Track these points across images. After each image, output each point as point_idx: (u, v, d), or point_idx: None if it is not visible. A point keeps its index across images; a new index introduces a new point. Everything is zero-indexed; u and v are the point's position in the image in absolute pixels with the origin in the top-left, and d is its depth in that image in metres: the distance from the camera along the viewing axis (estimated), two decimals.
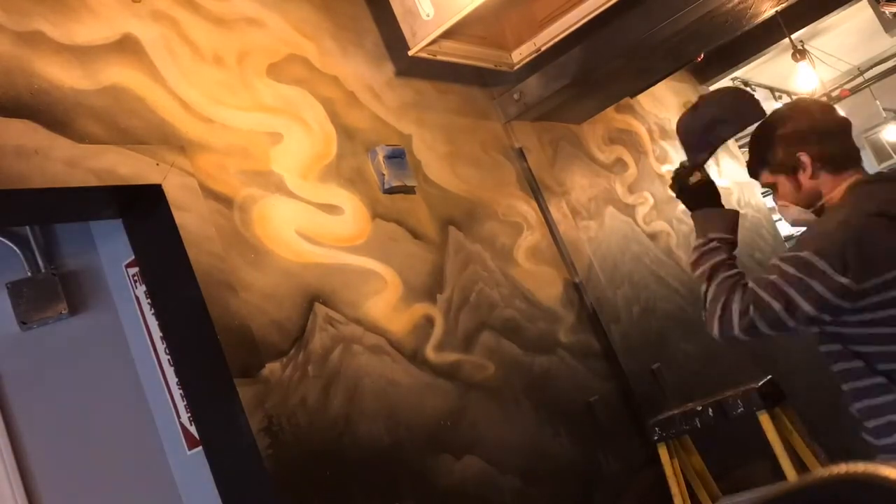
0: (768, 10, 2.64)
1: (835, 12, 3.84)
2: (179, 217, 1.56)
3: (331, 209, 1.93)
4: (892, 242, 1.48)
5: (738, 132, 1.94)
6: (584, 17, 2.33)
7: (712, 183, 1.88)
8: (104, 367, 2.14)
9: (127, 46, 1.65)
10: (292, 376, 1.63)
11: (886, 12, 4.16)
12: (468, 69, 2.53)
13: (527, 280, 2.45)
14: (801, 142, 1.63)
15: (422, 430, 1.85)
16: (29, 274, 2.06)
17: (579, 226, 2.78)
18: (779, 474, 2.28)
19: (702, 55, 3.27)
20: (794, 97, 6.13)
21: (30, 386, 2.01)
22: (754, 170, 1.80)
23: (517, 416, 2.14)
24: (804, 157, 1.62)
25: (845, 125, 1.66)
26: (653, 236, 3.19)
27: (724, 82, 5.05)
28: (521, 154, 2.71)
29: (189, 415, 2.03)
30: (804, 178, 1.64)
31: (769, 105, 6.14)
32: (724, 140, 1.91)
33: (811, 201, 1.66)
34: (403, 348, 1.92)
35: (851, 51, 5.63)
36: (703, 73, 4.34)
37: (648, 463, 2.40)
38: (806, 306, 1.46)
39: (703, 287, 1.63)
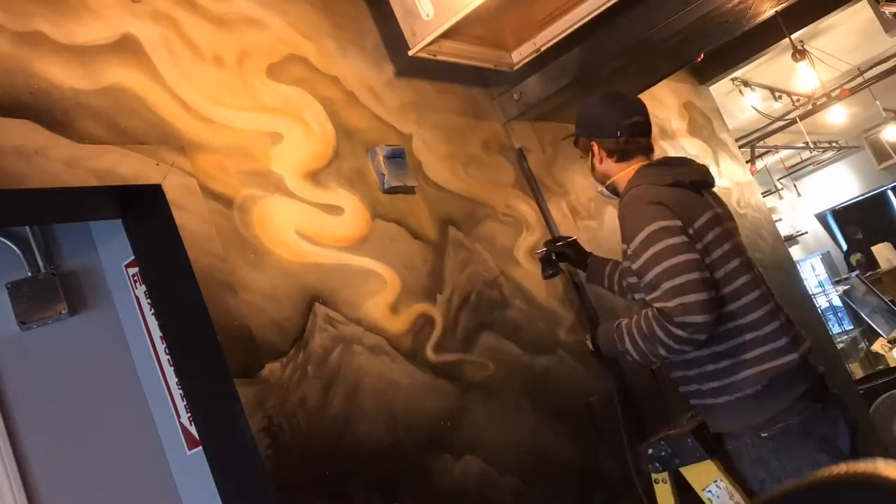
0: (768, 10, 2.64)
1: (835, 12, 3.83)
2: (179, 217, 1.56)
3: (331, 209, 1.93)
4: (691, 200, 1.81)
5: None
6: (584, 17, 2.33)
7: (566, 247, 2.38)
8: (104, 367, 2.14)
9: (127, 46, 1.65)
10: (292, 376, 1.63)
11: (886, 12, 4.16)
12: (468, 69, 2.53)
13: (527, 280, 2.45)
14: (597, 133, 1.99)
15: (422, 431, 1.85)
16: (29, 274, 2.07)
17: (579, 226, 2.78)
18: None
19: (702, 55, 3.27)
20: (794, 97, 6.13)
21: (30, 386, 2.01)
22: (578, 143, 2.12)
23: (517, 416, 2.14)
24: (594, 147, 2.00)
25: (642, 125, 1.98)
26: None
27: (724, 82, 5.05)
28: (521, 154, 2.71)
29: (189, 415, 2.04)
30: (596, 161, 2.02)
31: (769, 105, 6.15)
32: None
33: (602, 179, 2.03)
34: (403, 348, 1.92)
35: (851, 51, 5.63)
36: (703, 73, 4.34)
37: None
38: (687, 258, 1.69)
39: (634, 346, 1.84)
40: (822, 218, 9.88)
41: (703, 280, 1.68)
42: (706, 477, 1.90)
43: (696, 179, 1.89)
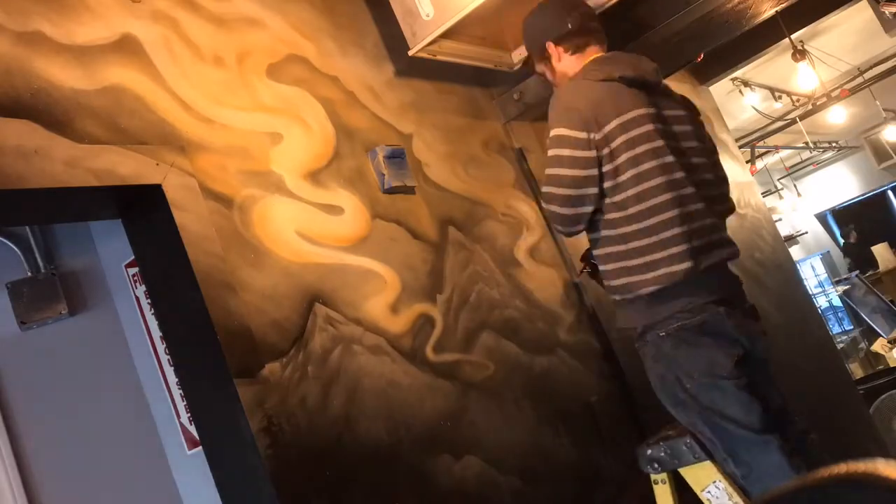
0: (768, 10, 2.64)
1: (835, 12, 3.83)
2: (179, 217, 1.56)
3: (330, 209, 1.93)
4: (615, 98, 1.80)
5: None
6: None
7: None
8: (104, 367, 2.14)
9: (127, 46, 1.65)
10: (292, 376, 1.63)
11: (886, 12, 4.16)
12: (468, 69, 2.53)
13: (527, 280, 2.45)
14: (548, 33, 1.98)
15: (422, 431, 1.85)
16: (29, 274, 2.07)
17: None
18: None
19: (702, 55, 3.27)
20: (794, 97, 6.13)
21: (30, 386, 2.01)
22: (530, 64, 2.14)
23: (517, 416, 2.14)
24: (550, 48, 1.98)
25: (589, 12, 2.01)
26: None
27: (724, 82, 5.05)
28: (521, 154, 2.71)
29: (189, 415, 2.03)
30: (555, 62, 2.00)
31: (769, 105, 6.15)
32: None
33: (564, 81, 1.97)
34: (403, 348, 1.92)
35: (851, 51, 5.63)
36: (703, 73, 4.34)
37: None
38: (570, 173, 1.77)
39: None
40: (822, 218, 9.88)
41: (569, 196, 1.79)
42: (705, 478, 1.90)
43: (626, 75, 1.85)
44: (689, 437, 1.90)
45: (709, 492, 1.90)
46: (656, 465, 2.00)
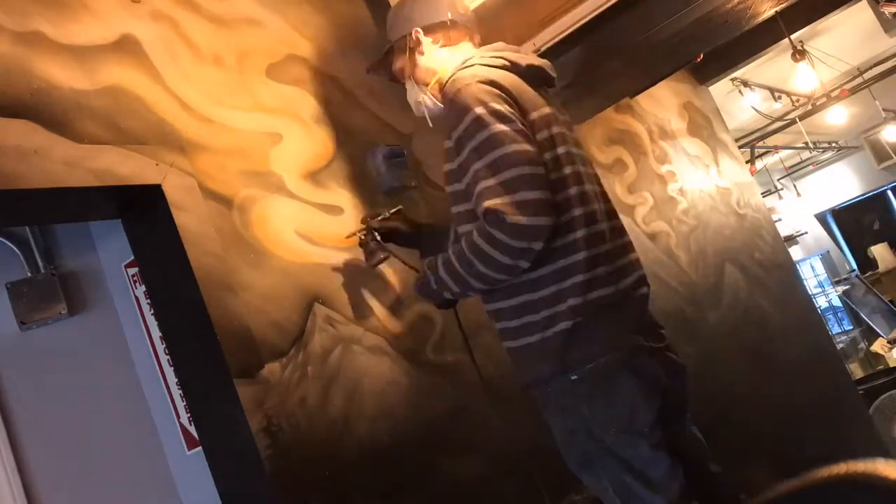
0: (768, 11, 2.64)
1: (835, 12, 3.83)
2: (179, 217, 1.56)
3: (330, 209, 1.93)
4: (526, 90, 1.51)
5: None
6: (584, 17, 2.33)
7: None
8: (104, 368, 2.14)
9: (126, 47, 1.65)
10: (292, 377, 1.63)
11: (886, 13, 4.16)
12: None
13: None
14: (422, 19, 1.68)
15: (422, 431, 1.85)
16: (29, 274, 2.06)
17: None
18: None
19: (701, 55, 3.27)
20: (794, 97, 6.13)
21: (29, 386, 2.01)
22: (381, 64, 1.81)
23: (517, 417, 2.14)
24: (416, 37, 1.68)
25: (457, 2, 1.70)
26: (652, 236, 3.19)
27: (724, 83, 5.05)
28: None
29: (189, 415, 2.03)
30: (418, 56, 1.69)
31: (769, 105, 6.15)
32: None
33: (427, 77, 1.69)
34: (403, 349, 1.92)
35: (851, 51, 5.63)
36: (703, 73, 4.34)
37: None
38: (521, 147, 1.37)
39: (455, 280, 1.52)
40: (821, 218, 9.88)
41: (539, 176, 1.36)
42: None
43: (533, 64, 1.58)
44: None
45: None
46: None
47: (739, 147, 5.57)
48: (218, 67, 1.82)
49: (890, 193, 9.73)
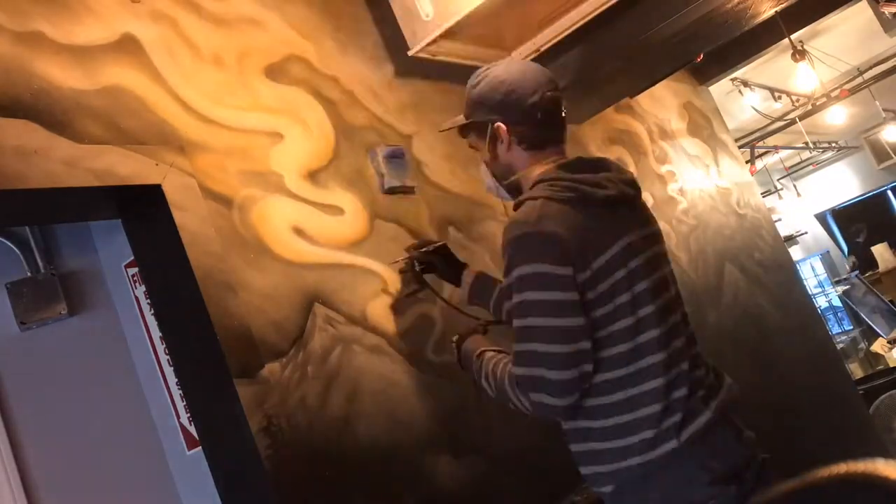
0: (768, 11, 2.64)
1: (835, 12, 3.84)
2: (179, 217, 1.56)
3: (330, 209, 1.93)
4: (599, 226, 1.40)
5: None
6: (583, 17, 2.33)
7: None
8: (103, 368, 2.14)
9: (126, 47, 1.65)
10: (292, 376, 1.63)
11: (886, 12, 4.16)
12: (468, 69, 2.52)
13: None
14: (507, 111, 1.52)
15: (422, 430, 1.85)
16: (28, 274, 2.06)
17: None
18: None
19: (701, 55, 3.27)
20: (794, 97, 6.13)
21: (29, 386, 2.01)
22: (464, 129, 1.65)
23: (517, 417, 2.14)
24: (501, 130, 1.53)
25: (559, 100, 1.54)
26: None
27: (724, 83, 5.06)
28: None
29: (189, 415, 2.03)
30: (501, 149, 1.55)
31: (769, 105, 6.15)
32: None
33: (506, 173, 1.57)
34: (403, 349, 1.92)
35: (851, 51, 5.63)
36: (703, 73, 4.34)
37: None
38: (559, 323, 1.32)
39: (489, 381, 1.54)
40: (821, 218, 9.88)
41: (567, 355, 1.32)
42: None
43: (612, 195, 1.44)
44: None
45: None
46: None
47: (739, 147, 5.57)
48: (218, 67, 1.82)
49: (890, 193, 9.73)
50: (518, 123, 1.52)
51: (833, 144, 8.37)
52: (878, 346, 7.09)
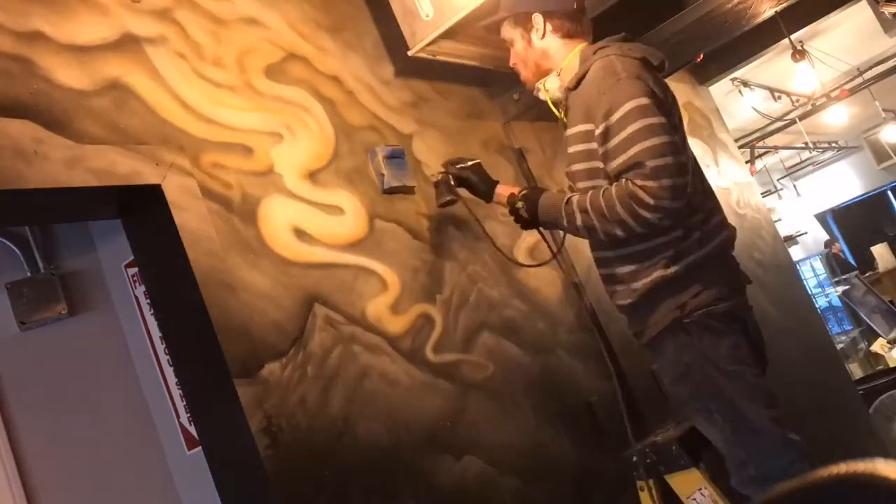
0: (768, 11, 2.64)
1: (834, 13, 3.83)
2: (179, 217, 1.56)
3: (330, 209, 1.93)
4: (662, 82, 1.70)
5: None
6: None
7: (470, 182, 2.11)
8: (103, 368, 2.14)
9: (127, 46, 1.65)
10: (292, 376, 1.63)
11: (886, 12, 4.16)
12: (468, 69, 2.52)
13: (526, 280, 2.45)
14: (548, 3, 1.77)
15: (421, 431, 1.85)
16: (28, 274, 2.07)
17: None
18: None
19: (701, 55, 3.27)
20: (794, 97, 6.13)
21: (29, 386, 2.01)
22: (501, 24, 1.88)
23: (517, 416, 2.14)
24: (539, 20, 1.78)
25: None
26: None
27: (724, 82, 5.05)
28: (520, 154, 2.71)
29: (189, 415, 2.03)
30: (536, 37, 1.80)
31: (769, 105, 6.15)
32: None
33: (539, 59, 1.82)
34: (403, 348, 1.92)
35: (851, 51, 5.63)
36: (703, 73, 4.33)
37: None
38: (669, 139, 1.58)
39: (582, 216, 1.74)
40: (821, 218, 9.88)
41: (684, 164, 1.61)
42: (691, 485, 1.88)
43: (663, 60, 1.76)
44: (676, 443, 1.87)
45: (694, 499, 1.87)
46: (642, 471, 1.97)
47: (739, 147, 5.57)
48: (218, 67, 1.82)
49: (890, 193, 9.73)
50: (554, 14, 1.77)
51: (833, 144, 8.37)
52: (878, 346, 7.08)
